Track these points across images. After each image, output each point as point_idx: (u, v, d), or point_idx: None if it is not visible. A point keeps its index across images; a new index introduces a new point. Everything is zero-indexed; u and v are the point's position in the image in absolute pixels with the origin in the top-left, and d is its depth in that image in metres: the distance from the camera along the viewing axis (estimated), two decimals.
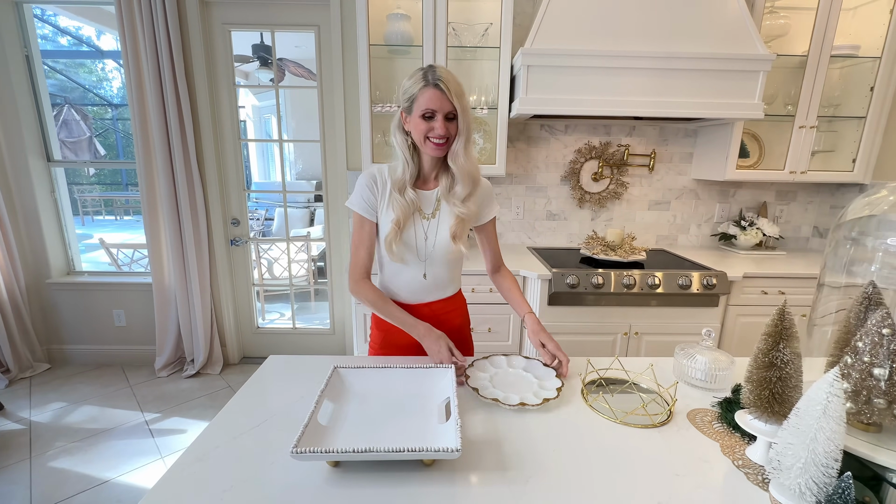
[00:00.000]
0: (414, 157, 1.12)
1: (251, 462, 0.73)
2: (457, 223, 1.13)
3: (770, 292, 2.07)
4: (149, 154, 2.43)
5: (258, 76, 4.60)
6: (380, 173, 1.16)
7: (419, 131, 1.05)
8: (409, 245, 1.14)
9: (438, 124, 1.03)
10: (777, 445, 0.68)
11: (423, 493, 0.68)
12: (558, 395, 0.92)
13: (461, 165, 1.08)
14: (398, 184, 1.11)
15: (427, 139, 1.05)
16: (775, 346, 0.71)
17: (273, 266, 3.75)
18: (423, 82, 1.02)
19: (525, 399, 0.90)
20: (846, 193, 2.41)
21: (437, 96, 1.01)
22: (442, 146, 1.06)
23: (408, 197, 1.11)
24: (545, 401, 0.89)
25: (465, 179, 1.10)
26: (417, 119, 1.04)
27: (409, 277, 1.19)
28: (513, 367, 1.08)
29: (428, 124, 1.03)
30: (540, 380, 1.01)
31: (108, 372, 2.68)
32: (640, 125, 2.44)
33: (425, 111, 1.02)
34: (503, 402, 0.88)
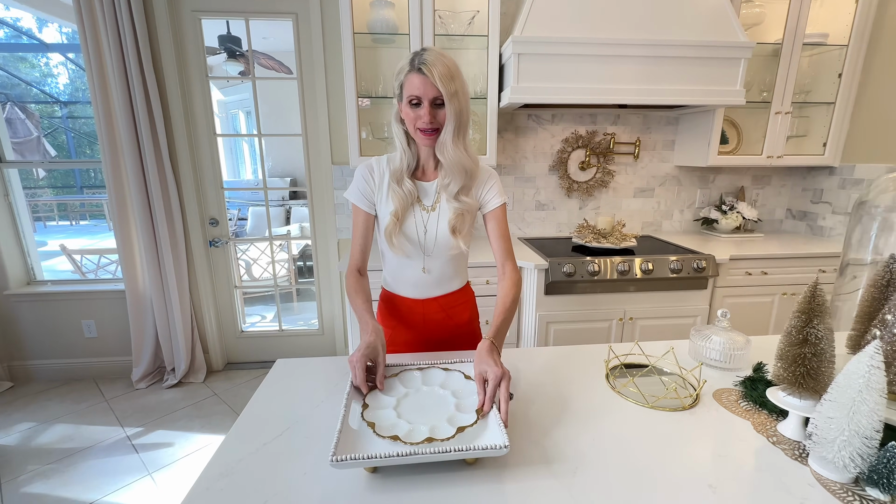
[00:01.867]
0: (411, 147, 1.07)
1: (282, 474, 0.69)
2: (456, 217, 1.08)
3: (754, 273, 2.14)
4: (116, 152, 2.27)
5: (226, 69, 4.39)
6: (377, 164, 1.12)
7: (409, 120, 1.00)
8: (410, 237, 1.10)
9: (424, 112, 0.96)
10: (816, 420, 0.69)
11: (471, 492, 0.65)
12: (477, 422, 0.74)
13: (449, 157, 1.00)
14: (395, 174, 1.07)
15: (417, 129, 1.00)
16: (808, 322, 0.72)
17: (252, 267, 3.61)
18: (409, 67, 0.96)
19: (435, 431, 0.72)
20: (817, 176, 2.53)
21: (421, 81, 0.94)
22: (431, 135, 0.99)
23: (405, 188, 1.07)
24: (460, 430, 0.71)
25: (456, 172, 1.02)
26: (406, 107, 0.99)
27: (411, 272, 1.15)
28: (428, 384, 0.88)
29: (415, 112, 0.98)
30: (458, 399, 0.82)
31: (79, 387, 2.50)
32: (624, 113, 2.47)
33: (411, 98, 0.97)
34: (405, 439, 0.69)
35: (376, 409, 0.79)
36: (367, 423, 0.74)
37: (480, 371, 0.82)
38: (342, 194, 2.45)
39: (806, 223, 2.61)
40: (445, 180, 1.06)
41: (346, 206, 2.47)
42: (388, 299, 1.21)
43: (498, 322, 0.98)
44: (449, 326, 1.19)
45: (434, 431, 0.72)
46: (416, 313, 1.17)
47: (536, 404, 0.87)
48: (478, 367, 0.84)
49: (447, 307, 1.18)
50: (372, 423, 0.73)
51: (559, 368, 1.03)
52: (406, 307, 1.18)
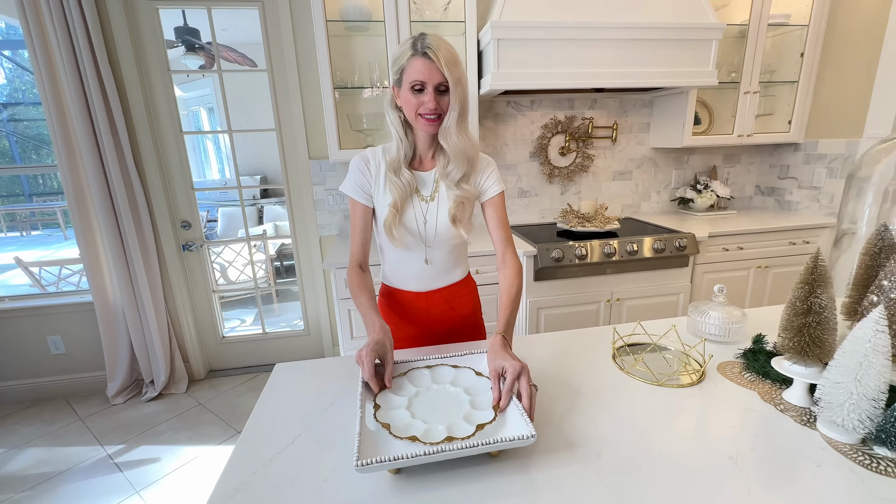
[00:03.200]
0: (408, 136, 1.04)
1: (301, 483, 0.66)
2: (455, 206, 1.06)
3: (730, 248, 2.22)
4: (73, 155, 2.12)
5: (185, 63, 4.17)
6: (373, 154, 1.08)
7: (410, 106, 0.97)
8: (410, 229, 1.07)
9: (428, 98, 0.94)
10: (823, 386, 0.71)
11: (499, 484, 0.64)
12: (495, 418, 0.72)
13: (454, 144, 0.99)
14: (392, 164, 1.04)
15: (418, 115, 0.97)
16: (812, 292, 0.74)
17: (228, 270, 3.48)
18: (412, 51, 0.93)
19: (453, 429, 0.70)
20: (783, 153, 2.63)
21: (425, 66, 0.92)
22: (434, 122, 0.97)
23: (403, 178, 1.04)
24: (479, 427, 0.69)
25: (459, 159, 1.01)
26: (407, 93, 0.96)
27: (412, 265, 1.12)
28: (438, 382, 0.85)
29: (418, 98, 0.95)
30: (472, 395, 0.79)
31: (49, 407, 2.35)
32: (601, 98, 2.49)
33: (414, 83, 0.94)
34: (423, 439, 0.67)
35: (388, 409, 0.77)
36: (381, 424, 0.71)
37: (496, 367, 0.80)
38: (321, 190, 2.38)
39: (774, 198, 2.72)
40: (448, 168, 1.03)
41: (326, 202, 2.40)
42: (388, 294, 1.18)
43: (506, 314, 0.97)
44: (453, 318, 1.17)
45: (452, 430, 0.70)
46: (420, 307, 1.15)
47: (550, 392, 0.87)
48: (493, 363, 0.82)
49: (451, 298, 1.16)
50: (387, 425, 0.71)
51: (564, 354, 1.03)
52: (408, 301, 1.15)
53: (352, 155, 2.07)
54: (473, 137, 1.04)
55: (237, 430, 2.12)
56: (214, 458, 1.93)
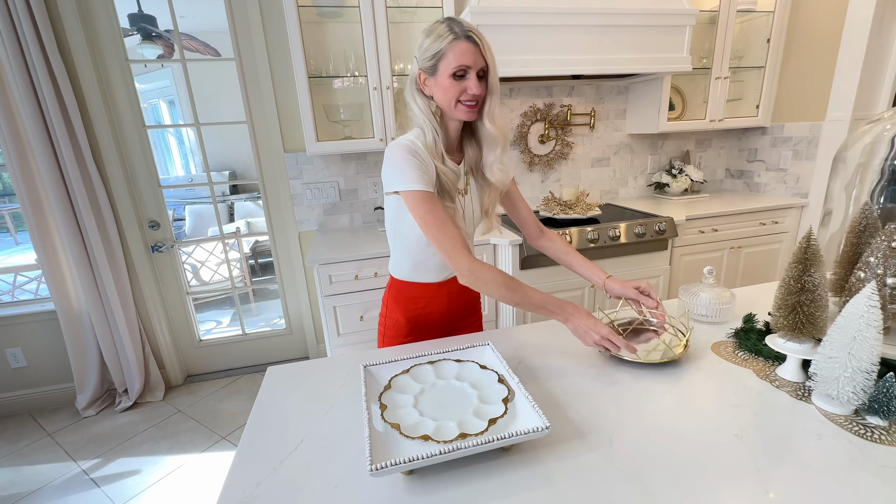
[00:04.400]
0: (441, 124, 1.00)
1: (311, 491, 0.63)
2: (489, 196, 1.07)
3: (706, 231, 2.30)
4: (23, 153, 1.96)
5: (141, 52, 3.92)
6: (415, 146, 0.97)
7: (450, 93, 0.92)
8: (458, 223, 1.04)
9: (473, 83, 0.91)
10: (817, 361, 0.74)
11: (515, 479, 0.63)
12: (506, 412, 0.71)
13: (499, 125, 0.99)
14: (437, 154, 0.98)
15: (458, 102, 0.93)
16: (805, 271, 0.76)
17: (200, 270, 3.34)
18: (452, 35, 0.89)
19: (464, 425, 0.68)
20: (751, 137, 2.73)
21: (470, 50, 0.89)
22: (475, 108, 0.95)
23: (450, 166, 1.00)
24: (492, 422, 0.68)
25: (499, 143, 1.01)
26: (447, 79, 0.91)
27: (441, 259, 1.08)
28: (442, 377, 0.83)
29: (460, 85, 0.91)
30: (479, 389, 0.78)
31: (13, 424, 2.21)
32: (578, 85, 2.50)
33: (458, 69, 0.90)
34: (435, 437, 0.65)
35: (395, 408, 0.75)
36: (391, 424, 0.69)
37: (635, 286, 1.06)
38: (299, 184, 2.30)
39: (743, 181, 2.82)
40: (491, 153, 1.01)
41: (304, 196, 2.32)
42: (406, 289, 1.13)
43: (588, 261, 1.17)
44: (470, 299, 1.19)
45: (463, 426, 0.68)
46: (441, 294, 1.14)
47: (551, 380, 0.87)
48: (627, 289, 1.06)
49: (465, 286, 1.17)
50: (396, 425, 0.69)
51: (557, 341, 1.03)
52: (430, 292, 1.13)
53: (330, 148, 2.02)
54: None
55: (221, 435, 2.05)
56: (199, 466, 1.86)
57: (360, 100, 2.14)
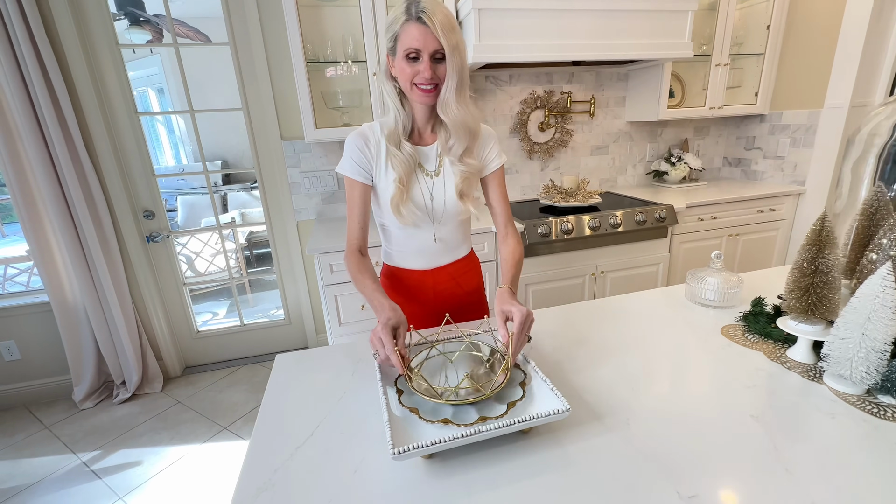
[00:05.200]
0: (405, 107, 0.99)
1: (330, 476, 0.62)
2: (462, 180, 1.03)
3: (705, 218, 2.31)
4: (13, 143, 1.90)
5: (129, 37, 3.82)
6: (371, 130, 1.02)
7: (404, 76, 0.91)
8: (418, 205, 1.03)
9: (424, 66, 0.89)
10: (830, 342, 0.74)
11: (535, 461, 0.63)
12: (524, 395, 0.71)
13: (453, 115, 0.94)
14: (392, 137, 0.98)
15: (414, 85, 0.92)
16: (819, 253, 0.76)
17: (195, 261, 3.30)
18: (406, 16, 0.87)
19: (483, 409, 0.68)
20: (749, 124, 2.73)
21: (420, 32, 0.86)
22: (431, 92, 0.92)
23: (405, 151, 0.99)
24: (511, 405, 0.68)
25: (460, 132, 0.97)
26: (402, 61, 0.90)
27: (419, 242, 1.08)
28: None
29: (413, 67, 0.90)
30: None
31: (8, 417, 2.18)
32: (578, 71, 2.48)
33: (408, 51, 0.88)
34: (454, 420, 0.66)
35: (411, 393, 0.74)
36: (409, 409, 0.69)
37: (504, 310, 0.83)
38: (296, 172, 2.26)
39: (741, 169, 2.84)
40: (449, 142, 0.99)
41: (302, 185, 2.29)
42: (392, 275, 1.14)
43: (512, 272, 1.01)
44: (458, 295, 1.15)
45: (482, 410, 0.69)
46: (426, 285, 1.12)
47: (564, 364, 0.87)
48: (500, 306, 0.85)
49: (457, 275, 1.14)
50: (415, 409, 0.69)
51: (568, 325, 1.03)
52: (414, 280, 1.12)
53: (329, 135, 1.98)
54: (474, 108, 0.99)
55: (222, 426, 2.04)
56: (201, 456, 1.86)
57: (359, 86, 2.11)
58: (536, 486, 0.59)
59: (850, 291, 0.87)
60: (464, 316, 1.15)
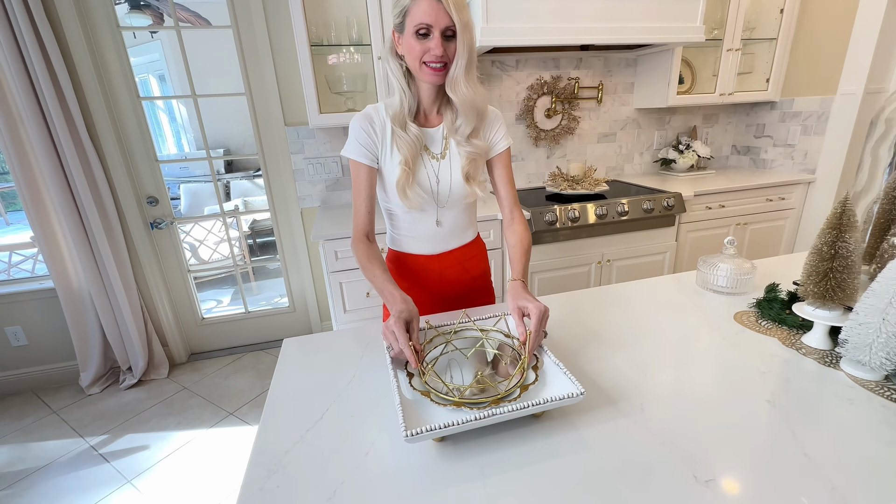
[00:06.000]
0: (411, 86, 0.96)
1: (341, 458, 0.62)
2: (468, 163, 1.01)
3: (712, 207, 2.28)
4: (15, 128, 1.88)
5: (129, 21, 3.77)
6: (376, 112, 0.99)
7: (413, 54, 0.89)
8: (424, 188, 1.01)
9: (435, 43, 0.86)
10: (848, 327, 0.73)
11: (549, 444, 0.62)
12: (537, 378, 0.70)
13: (462, 95, 0.92)
14: (397, 118, 0.96)
15: (423, 64, 0.89)
16: (839, 237, 0.75)
17: (199, 249, 3.29)
18: None
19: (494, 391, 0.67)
20: (759, 112, 2.69)
21: (432, 8, 0.84)
22: (440, 71, 0.90)
23: (411, 133, 0.96)
24: (524, 388, 0.68)
25: (469, 112, 0.95)
26: (411, 38, 0.88)
27: (426, 227, 1.07)
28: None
29: (423, 44, 0.87)
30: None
31: (17, 402, 2.20)
32: (586, 56, 2.44)
33: (419, 27, 0.86)
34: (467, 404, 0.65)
35: (422, 376, 0.73)
36: (420, 392, 0.68)
37: (520, 306, 0.82)
38: (300, 159, 2.24)
39: (749, 157, 2.80)
40: (457, 122, 0.97)
41: (306, 172, 2.27)
42: (397, 259, 1.13)
43: (522, 262, 0.99)
44: (465, 280, 1.14)
45: (494, 392, 0.68)
46: (432, 270, 1.10)
47: (576, 349, 0.86)
48: (515, 301, 0.83)
49: (463, 260, 1.13)
50: (427, 392, 0.68)
51: (579, 311, 1.02)
52: (420, 265, 1.10)
53: (333, 120, 1.96)
54: (482, 88, 0.97)
55: (228, 411, 2.06)
56: (208, 441, 1.87)
57: (364, 70, 2.07)
58: (552, 468, 0.58)
59: (869, 277, 0.85)
60: (470, 301, 1.15)
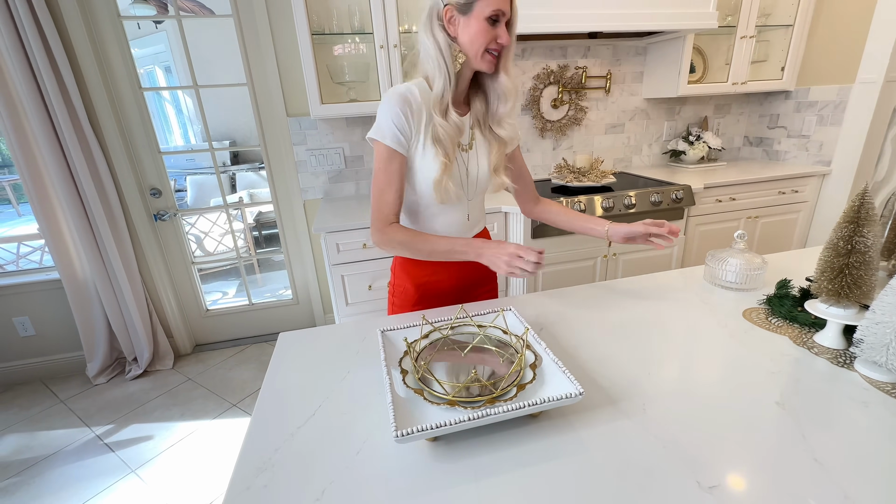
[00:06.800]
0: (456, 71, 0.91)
1: (331, 457, 0.60)
2: (498, 151, 1.00)
3: (723, 199, 2.22)
4: (17, 118, 1.88)
5: (133, 11, 3.75)
6: (412, 95, 0.91)
7: (481, 39, 0.85)
8: (455, 181, 0.98)
9: (503, 30, 0.86)
10: (865, 326, 0.69)
11: (546, 445, 0.60)
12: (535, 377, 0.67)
13: (506, 83, 0.92)
14: (439, 105, 0.90)
15: (486, 51, 0.87)
16: (857, 231, 0.71)
17: (204, 241, 3.30)
18: None
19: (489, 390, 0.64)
20: (773, 101, 2.61)
21: None
22: (496, 59, 0.90)
23: (452, 121, 0.91)
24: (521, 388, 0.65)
25: (510, 97, 0.95)
26: (481, 23, 0.84)
27: (451, 220, 1.04)
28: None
29: (493, 31, 0.85)
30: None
31: (25, 391, 2.23)
32: (594, 45, 2.37)
33: (496, 13, 0.84)
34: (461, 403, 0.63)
35: (416, 374, 0.71)
36: (413, 390, 0.66)
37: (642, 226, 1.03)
38: (303, 150, 2.22)
39: (762, 149, 2.72)
40: (498, 110, 0.96)
41: (309, 163, 2.25)
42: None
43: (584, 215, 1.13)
44: (474, 269, 1.13)
45: (489, 391, 0.65)
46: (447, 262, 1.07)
47: (577, 347, 0.84)
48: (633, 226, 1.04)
49: None
50: (420, 391, 0.66)
51: (580, 308, 0.99)
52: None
53: (335, 111, 1.93)
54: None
55: (231, 402, 2.06)
56: (211, 432, 1.88)
57: (366, 60, 2.04)
58: (548, 471, 0.56)
59: (888, 273, 0.81)
60: (476, 293, 1.15)
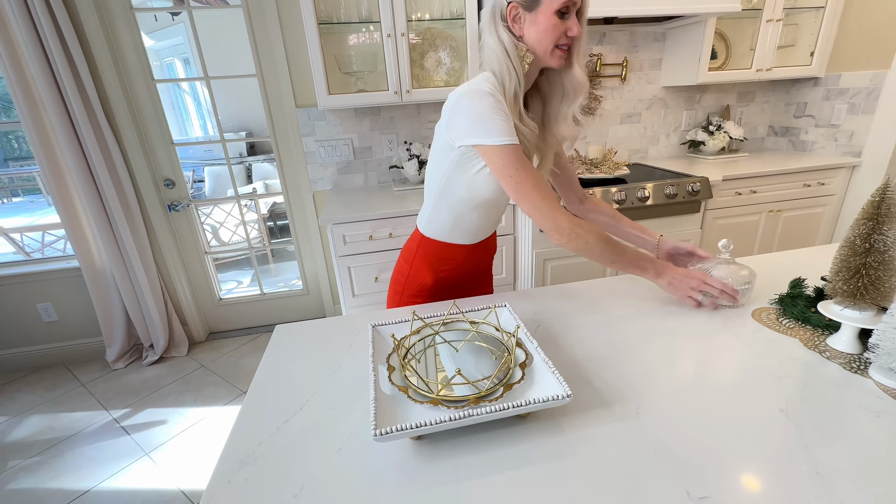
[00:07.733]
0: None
1: (313, 453, 0.60)
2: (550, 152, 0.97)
3: (743, 192, 2.13)
4: (36, 112, 1.93)
5: (147, 3, 3.80)
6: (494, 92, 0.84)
7: (551, 35, 0.81)
8: None
9: (574, 22, 0.81)
10: (880, 330, 0.65)
11: (532, 447, 0.58)
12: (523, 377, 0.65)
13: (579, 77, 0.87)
14: (515, 108, 0.85)
15: (556, 47, 0.82)
16: (876, 229, 0.66)
17: (220, 231, 3.36)
18: None
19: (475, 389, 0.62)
20: (801, 89, 2.48)
21: None
22: (566, 53, 0.84)
23: (528, 123, 0.88)
24: (507, 387, 0.63)
25: (585, 87, 0.88)
26: (551, 17, 0.80)
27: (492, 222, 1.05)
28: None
29: (564, 24, 0.81)
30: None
31: (49, 374, 2.32)
32: (610, 31, 2.29)
33: (564, 4, 0.79)
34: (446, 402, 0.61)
35: (404, 370, 0.70)
36: (398, 387, 0.65)
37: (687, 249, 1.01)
38: (311, 141, 2.22)
39: (788, 139, 2.60)
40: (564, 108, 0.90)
41: (318, 154, 2.25)
42: (439, 249, 1.06)
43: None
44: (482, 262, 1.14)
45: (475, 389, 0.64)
46: (471, 257, 1.08)
47: (574, 346, 0.81)
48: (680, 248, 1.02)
49: (491, 245, 1.14)
50: (404, 388, 0.65)
51: (579, 305, 0.96)
52: (462, 254, 1.07)
53: (343, 101, 1.91)
54: None
55: (242, 390, 2.11)
56: (221, 418, 1.92)
57: (374, 49, 2.01)
58: (531, 474, 0.55)
59: None
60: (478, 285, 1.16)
